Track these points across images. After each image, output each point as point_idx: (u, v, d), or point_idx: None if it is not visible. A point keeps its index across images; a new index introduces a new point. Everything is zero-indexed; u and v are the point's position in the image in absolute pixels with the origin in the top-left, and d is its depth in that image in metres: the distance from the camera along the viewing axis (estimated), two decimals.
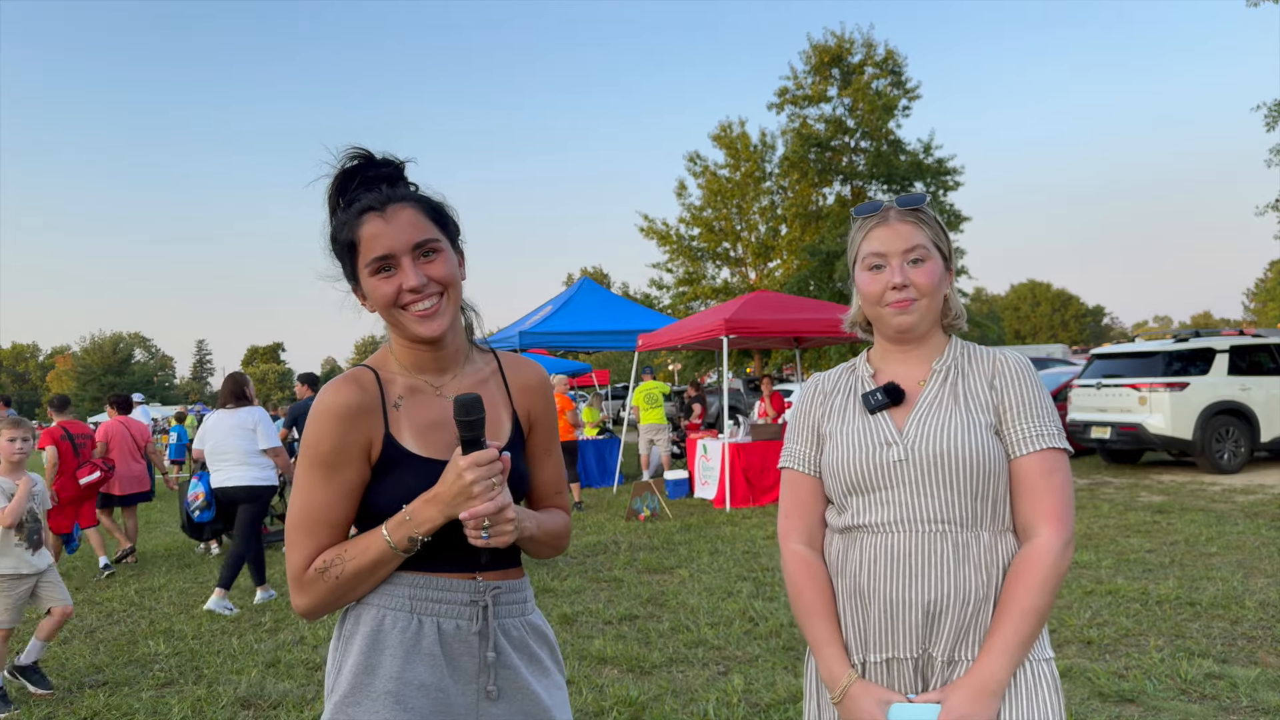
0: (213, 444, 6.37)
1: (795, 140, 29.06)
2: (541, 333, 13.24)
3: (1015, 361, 1.54)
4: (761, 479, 10.28)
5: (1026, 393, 1.51)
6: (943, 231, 1.58)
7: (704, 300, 32.85)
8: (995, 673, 1.38)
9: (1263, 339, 11.90)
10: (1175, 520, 7.96)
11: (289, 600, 6.25)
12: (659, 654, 4.65)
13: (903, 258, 1.53)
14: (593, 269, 63.31)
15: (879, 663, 1.47)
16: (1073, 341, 77.44)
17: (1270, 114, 21.22)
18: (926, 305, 1.53)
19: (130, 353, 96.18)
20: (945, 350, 1.58)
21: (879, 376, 1.61)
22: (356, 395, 1.42)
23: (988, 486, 1.46)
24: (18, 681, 4.60)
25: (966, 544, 1.45)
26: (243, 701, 4.25)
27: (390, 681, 1.38)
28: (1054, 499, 1.45)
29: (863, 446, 1.51)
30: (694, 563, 6.98)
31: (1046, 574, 1.41)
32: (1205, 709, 3.65)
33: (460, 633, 1.43)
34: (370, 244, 1.41)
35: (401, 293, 1.41)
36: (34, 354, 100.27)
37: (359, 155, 1.47)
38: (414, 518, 1.37)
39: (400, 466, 1.43)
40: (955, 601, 1.42)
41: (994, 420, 1.50)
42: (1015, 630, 1.39)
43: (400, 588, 1.42)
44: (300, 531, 1.40)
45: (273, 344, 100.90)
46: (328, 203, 1.49)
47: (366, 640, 1.40)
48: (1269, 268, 71.75)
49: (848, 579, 1.51)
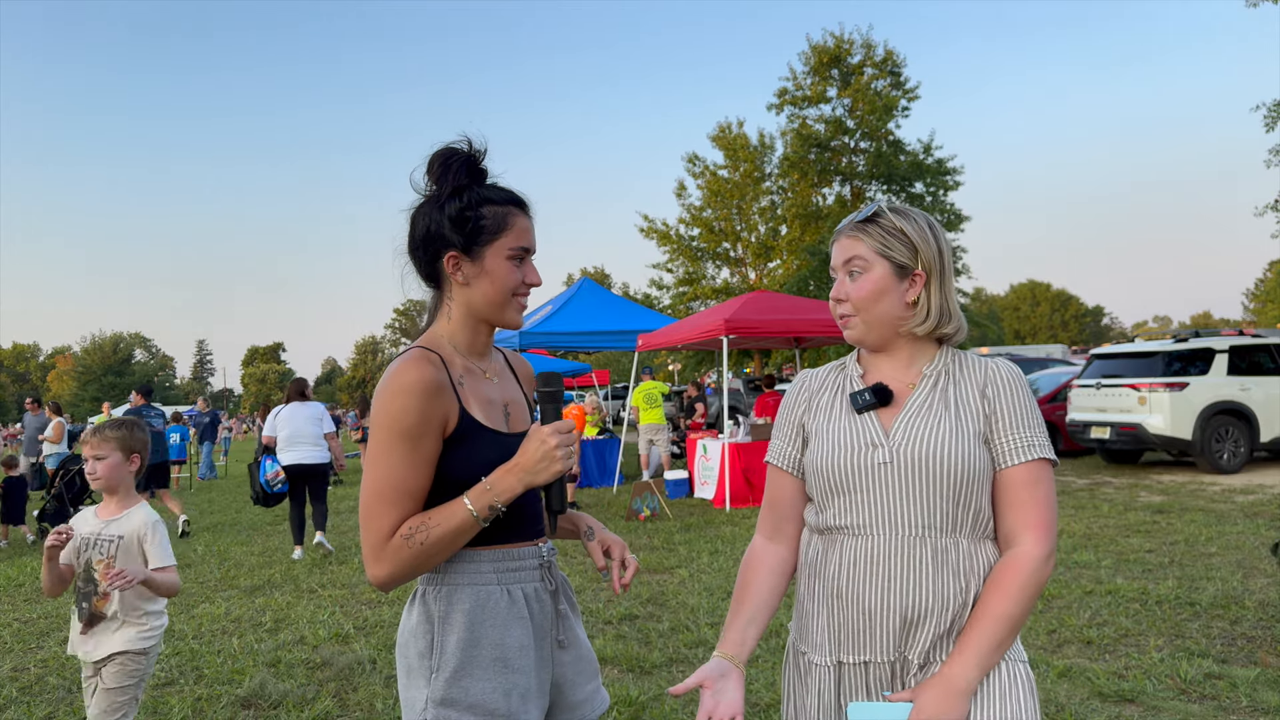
0: (291, 430, 7.96)
1: (795, 141, 29.08)
2: (542, 333, 13.23)
3: (1007, 371, 1.53)
4: (761, 479, 10.28)
5: (1017, 403, 1.50)
6: (902, 239, 1.51)
7: (704, 300, 32.85)
8: (965, 673, 1.38)
9: (1262, 339, 11.91)
10: (1175, 520, 7.96)
11: (288, 597, 6.31)
12: (659, 654, 4.65)
13: (843, 271, 1.55)
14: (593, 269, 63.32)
15: (855, 664, 1.47)
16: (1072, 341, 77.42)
17: (1270, 114, 21.23)
18: (864, 318, 1.53)
19: (130, 353, 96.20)
20: (936, 357, 1.56)
21: (868, 377, 1.59)
22: (434, 372, 1.50)
23: (971, 494, 1.45)
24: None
25: (946, 550, 1.44)
26: (243, 701, 4.25)
27: (495, 649, 1.51)
28: (1039, 510, 1.45)
29: (847, 446, 1.51)
30: (694, 563, 6.99)
31: (1025, 582, 1.41)
32: (1205, 709, 3.65)
33: (538, 594, 1.60)
34: (521, 234, 1.59)
35: (521, 284, 1.60)
36: (34, 354, 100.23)
37: (485, 147, 1.62)
38: (494, 487, 1.48)
39: (474, 438, 1.54)
40: (934, 608, 1.42)
41: (983, 429, 1.49)
42: (988, 634, 1.39)
43: (485, 564, 1.55)
44: (385, 502, 1.47)
45: (273, 344, 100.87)
46: (448, 174, 1.57)
47: (467, 616, 1.51)
48: (1269, 268, 71.74)
49: (827, 580, 1.51)
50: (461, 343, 1.61)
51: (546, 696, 1.59)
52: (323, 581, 6.95)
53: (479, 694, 1.48)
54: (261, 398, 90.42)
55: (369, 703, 4.15)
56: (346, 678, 4.54)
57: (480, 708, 1.48)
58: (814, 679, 1.52)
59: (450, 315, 1.61)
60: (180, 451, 17.04)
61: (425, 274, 1.63)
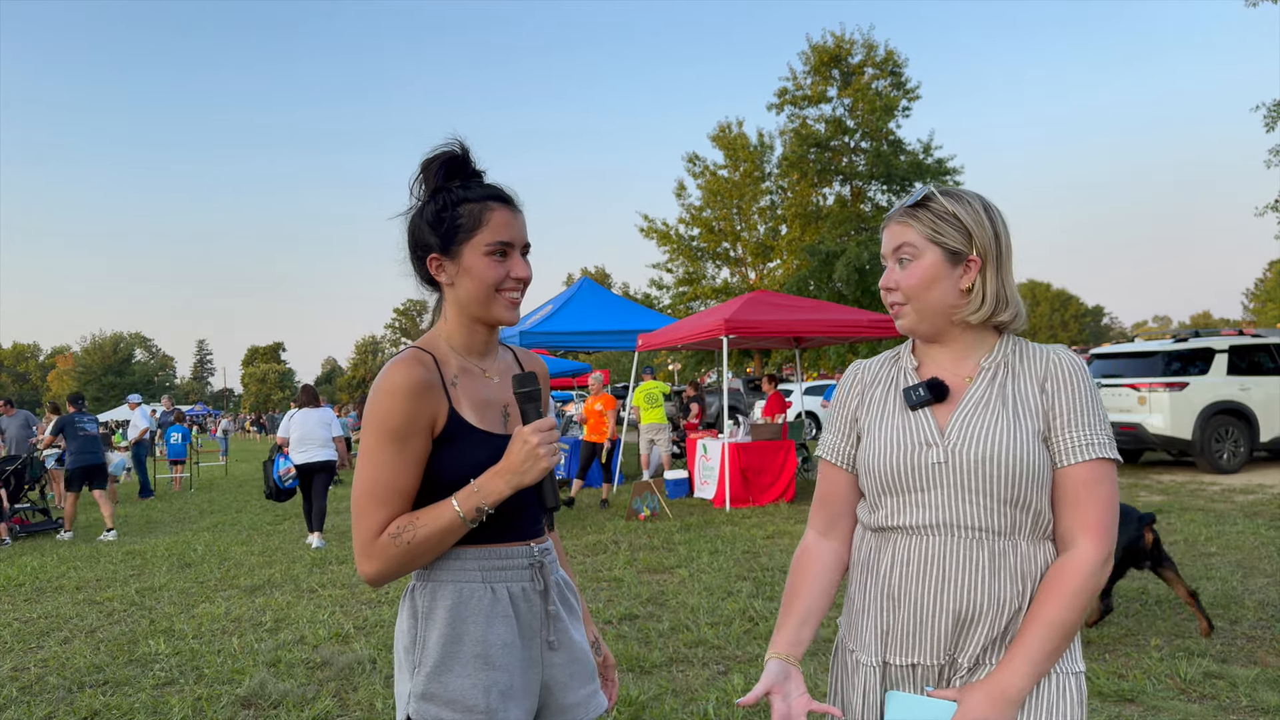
0: (303, 432, 8.76)
1: (795, 140, 29.06)
2: (542, 332, 13.23)
3: (1069, 363, 1.45)
4: (761, 478, 10.28)
5: (1079, 398, 1.42)
6: (955, 223, 1.45)
7: (704, 300, 32.86)
8: (1015, 681, 1.34)
9: (1262, 339, 11.90)
10: (1175, 520, 7.96)
11: (288, 596, 6.31)
12: (659, 654, 4.65)
13: (893, 259, 1.50)
14: (593, 269, 63.32)
15: (903, 666, 1.43)
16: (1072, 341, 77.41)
17: (1270, 114, 21.21)
18: (915, 307, 1.47)
19: (130, 352, 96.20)
20: (995, 347, 1.48)
21: (923, 370, 1.52)
22: (423, 372, 1.51)
23: (1029, 495, 1.39)
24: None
25: (1004, 552, 1.39)
26: (243, 701, 4.25)
27: (477, 645, 1.51)
28: (1097, 511, 1.39)
29: (901, 445, 1.45)
30: (694, 563, 6.99)
31: (1080, 587, 1.35)
32: (1205, 709, 3.65)
33: (525, 594, 1.58)
34: (497, 229, 1.56)
35: (506, 279, 1.57)
36: (35, 354, 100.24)
37: (465, 146, 1.61)
38: (482, 490, 1.48)
39: (463, 439, 1.54)
40: (988, 610, 1.38)
41: (1042, 427, 1.42)
42: (1041, 642, 1.35)
43: (470, 561, 1.54)
44: (374, 500, 1.48)
45: (273, 344, 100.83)
46: (429, 177, 1.60)
47: (449, 612, 1.52)
48: (1269, 268, 71.75)
49: (879, 580, 1.47)
50: (459, 343, 1.62)
51: (533, 698, 1.58)
52: (323, 581, 6.95)
53: (458, 690, 1.49)
54: (261, 397, 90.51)
55: (369, 703, 4.15)
56: (346, 677, 4.54)
57: (458, 703, 1.49)
58: (859, 677, 1.49)
59: (446, 316, 1.63)
60: (181, 451, 17.05)
61: (422, 278, 1.64)
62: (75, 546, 9.55)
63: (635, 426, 13.23)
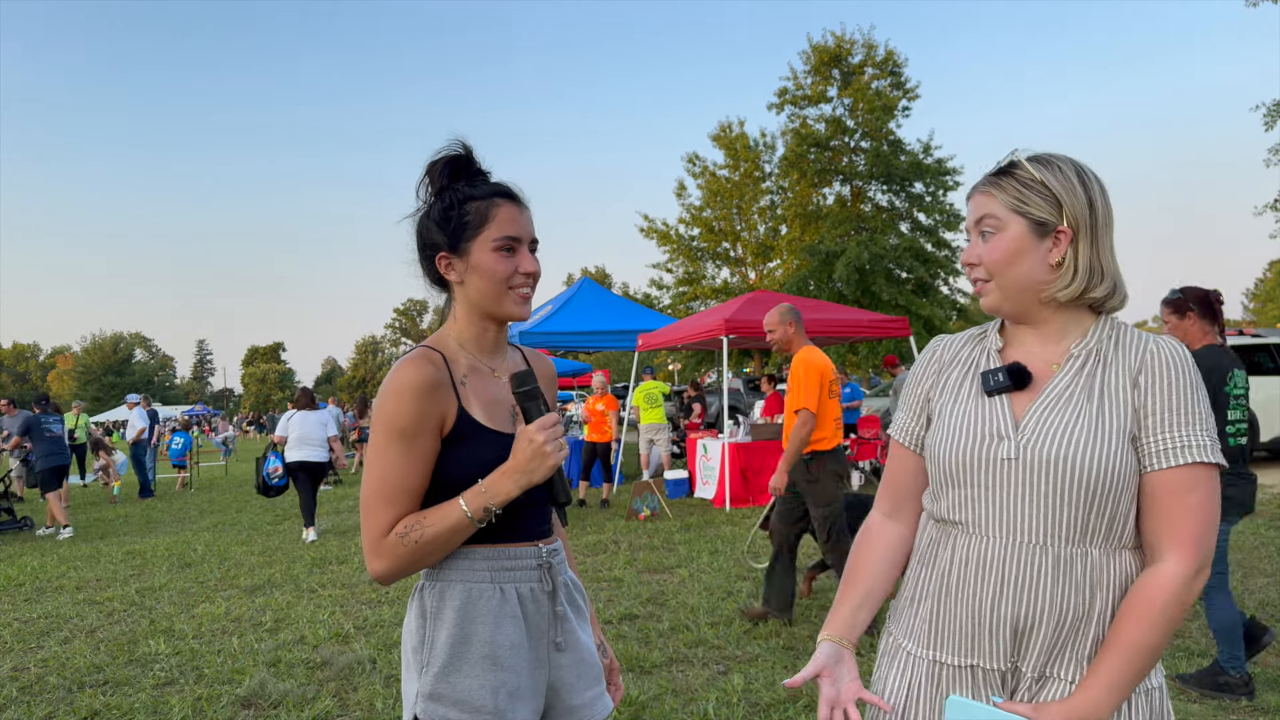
0: (301, 432, 9.15)
1: (795, 140, 29.05)
2: (542, 332, 13.23)
3: (1168, 353, 1.30)
4: (761, 478, 10.28)
5: (1175, 394, 1.28)
6: (1043, 191, 1.32)
7: (704, 300, 32.85)
8: (1096, 711, 1.24)
9: (1263, 339, 11.89)
10: None
11: (288, 596, 6.31)
12: (659, 654, 4.65)
13: (975, 231, 1.38)
14: (593, 269, 63.36)
15: (960, 666, 1.35)
16: None
17: (1270, 114, 21.22)
18: (1000, 283, 1.35)
19: (130, 352, 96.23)
20: (1089, 331, 1.35)
21: (1007, 352, 1.40)
22: (432, 371, 1.51)
23: (1107, 501, 1.27)
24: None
25: (1070, 560, 1.28)
26: (243, 701, 4.25)
27: (485, 645, 1.51)
28: (1190, 522, 1.25)
29: (970, 435, 1.34)
30: (694, 562, 6.99)
31: (1166, 607, 1.24)
32: (1205, 709, 3.65)
33: (534, 594, 1.58)
34: (503, 224, 1.55)
35: (515, 274, 1.57)
36: (35, 354, 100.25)
37: (468, 147, 1.62)
38: (489, 490, 1.48)
39: (472, 438, 1.54)
40: (1046, 619, 1.28)
41: (1132, 426, 1.29)
42: (1123, 666, 1.24)
43: (479, 561, 1.54)
44: (381, 499, 1.48)
45: (273, 344, 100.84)
46: (434, 179, 1.61)
47: (458, 613, 1.52)
48: (1269, 268, 71.76)
49: (936, 573, 1.39)
50: (469, 341, 1.61)
51: (540, 698, 1.58)
52: (323, 581, 6.95)
53: (466, 690, 1.49)
54: (261, 397, 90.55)
55: (369, 702, 4.15)
56: (346, 677, 4.54)
57: (466, 704, 1.49)
58: (897, 664, 1.43)
59: (456, 315, 1.62)
60: (182, 455, 17.03)
61: (431, 279, 1.64)
62: (75, 546, 9.55)
63: (635, 426, 13.22)
